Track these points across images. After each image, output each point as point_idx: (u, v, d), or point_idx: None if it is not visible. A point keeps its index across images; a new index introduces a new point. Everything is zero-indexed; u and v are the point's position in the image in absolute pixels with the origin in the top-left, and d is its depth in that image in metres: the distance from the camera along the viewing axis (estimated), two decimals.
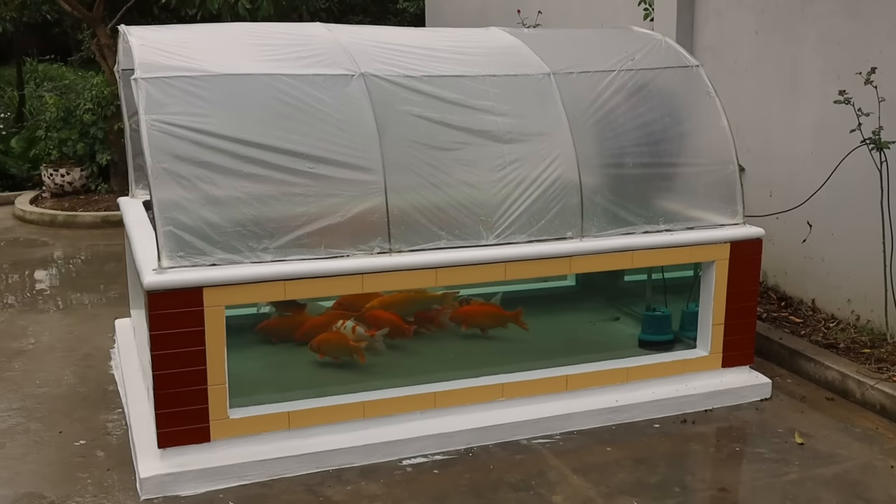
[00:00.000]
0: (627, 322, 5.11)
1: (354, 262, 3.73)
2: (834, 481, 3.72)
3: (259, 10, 8.02)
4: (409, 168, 3.87)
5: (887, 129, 4.68)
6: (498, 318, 4.87)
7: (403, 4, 14.97)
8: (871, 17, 4.99)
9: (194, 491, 3.56)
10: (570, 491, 3.60)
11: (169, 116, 3.59)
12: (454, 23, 10.55)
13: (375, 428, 3.87)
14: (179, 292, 3.47)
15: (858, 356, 4.73)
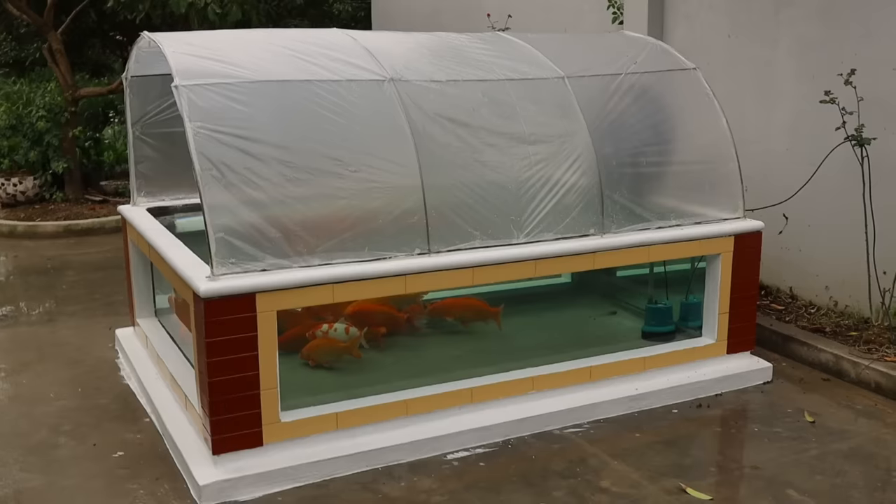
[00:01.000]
0: (624, 315, 5.31)
1: (397, 264, 3.81)
2: (851, 455, 3.98)
3: (228, 16, 7.96)
4: (442, 170, 3.97)
5: (865, 127, 5.00)
6: (480, 312, 4.98)
7: (338, 7, 14.95)
8: (846, 21, 5.31)
9: (252, 495, 3.59)
10: (616, 476, 3.77)
11: (213, 123, 3.60)
12: (404, 27, 10.65)
13: (418, 425, 3.96)
14: (234, 299, 3.50)
15: (847, 339, 5.04)
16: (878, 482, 3.73)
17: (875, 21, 5.13)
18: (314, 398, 3.93)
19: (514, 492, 3.64)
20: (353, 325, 4.54)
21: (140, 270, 5.01)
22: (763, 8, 5.85)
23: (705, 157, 4.69)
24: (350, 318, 4.62)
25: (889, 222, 5.05)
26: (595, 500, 3.57)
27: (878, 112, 5.03)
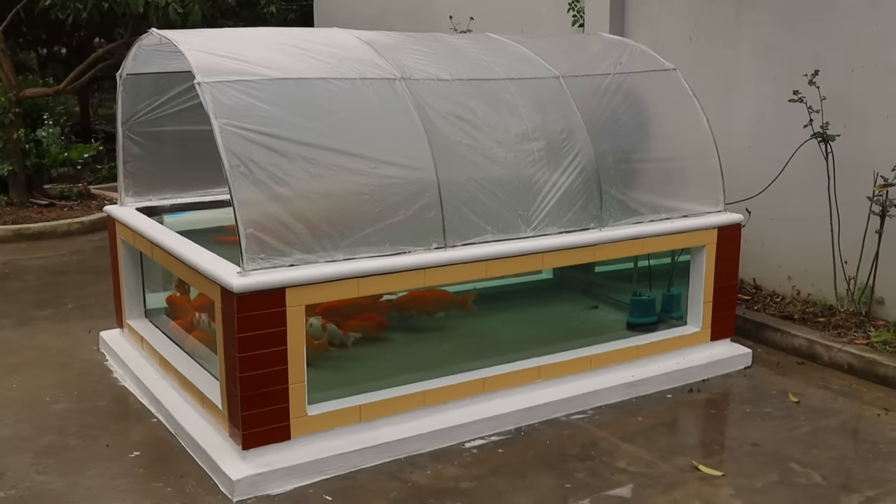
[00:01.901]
0: (605, 309, 5.50)
1: (417, 258, 3.89)
2: (839, 430, 4.25)
3: (189, 16, 7.86)
4: (455, 167, 4.08)
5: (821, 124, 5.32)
6: (446, 303, 5.02)
7: (269, 10, 14.85)
8: (805, 25, 5.63)
9: (282, 489, 3.62)
10: (629, 457, 3.94)
11: (237, 120, 3.63)
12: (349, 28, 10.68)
13: (436, 415, 4.05)
14: (265, 294, 3.53)
15: (816, 325, 5.35)
16: (868, 453, 4.00)
17: (833, 25, 5.46)
18: (325, 393, 3.96)
19: (538, 475, 3.76)
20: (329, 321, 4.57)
21: (130, 272, 4.96)
22: (724, 11, 6.14)
23: (689, 153, 4.92)
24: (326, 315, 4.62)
25: (849, 215, 5.38)
26: (616, 480, 3.73)
27: (838, 111, 5.35)
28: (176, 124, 4.99)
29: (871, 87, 5.30)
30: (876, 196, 5.12)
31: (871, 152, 5.27)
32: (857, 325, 5.22)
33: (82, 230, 8.19)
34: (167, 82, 4.82)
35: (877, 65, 5.27)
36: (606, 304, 5.52)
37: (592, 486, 3.68)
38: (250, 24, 14.48)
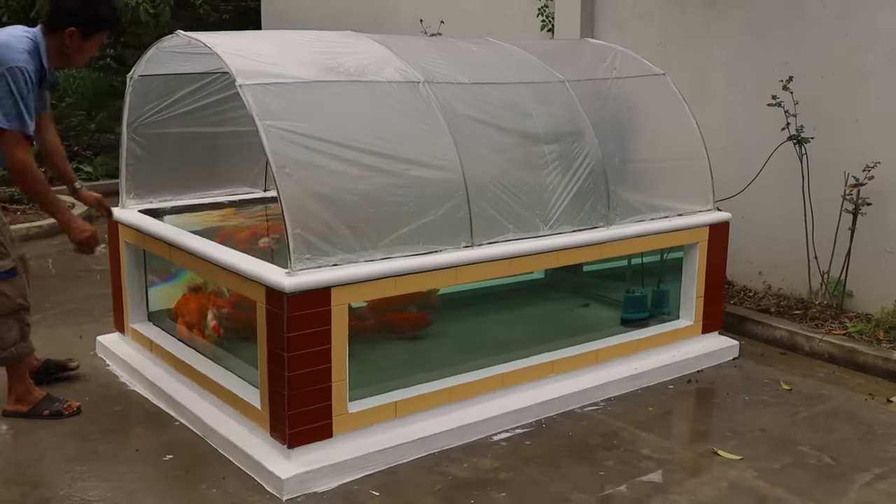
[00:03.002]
0: (597, 307, 5.68)
1: (448, 256, 4.00)
2: (834, 415, 4.54)
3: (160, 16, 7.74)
4: (479, 168, 4.20)
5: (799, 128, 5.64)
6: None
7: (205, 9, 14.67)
8: (775, 33, 5.95)
9: (328, 486, 3.68)
10: (652, 444, 4.13)
11: (281, 122, 3.67)
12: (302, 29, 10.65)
13: (463, 410, 4.16)
14: (312, 293, 3.58)
15: (793, 317, 5.66)
16: (867, 435, 4.29)
17: (803, 34, 5.79)
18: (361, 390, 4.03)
19: (571, 464, 3.92)
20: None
21: (134, 275, 4.91)
22: (695, 19, 6.43)
23: (682, 154, 5.15)
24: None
25: (820, 213, 5.71)
26: (644, 467, 3.91)
27: (808, 115, 5.67)
28: (180, 126, 4.96)
29: (840, 93, 5.64)
30: (847, 195, 5.45)
31: (841, 154, 5.61)
32: (833, 316, 5.55)
33: (41, 234, 7.99)
34: (176, 84, 4.80)
35: (846, 72, 5.61)
36: (596, 301, 5.71)
37: (625, 473, 3.85)
38: (188, 24, 14.28)
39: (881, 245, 5.51)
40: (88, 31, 4.09)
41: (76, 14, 4.04)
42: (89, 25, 4.08)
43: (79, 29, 4.06)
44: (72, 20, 4.04)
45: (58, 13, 4.07)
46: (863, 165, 5.43)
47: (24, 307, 4.20)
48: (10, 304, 4.11)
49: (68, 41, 4.07)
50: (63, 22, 4.05)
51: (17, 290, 4.14)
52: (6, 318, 4.13)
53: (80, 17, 4.05)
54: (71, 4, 4.06)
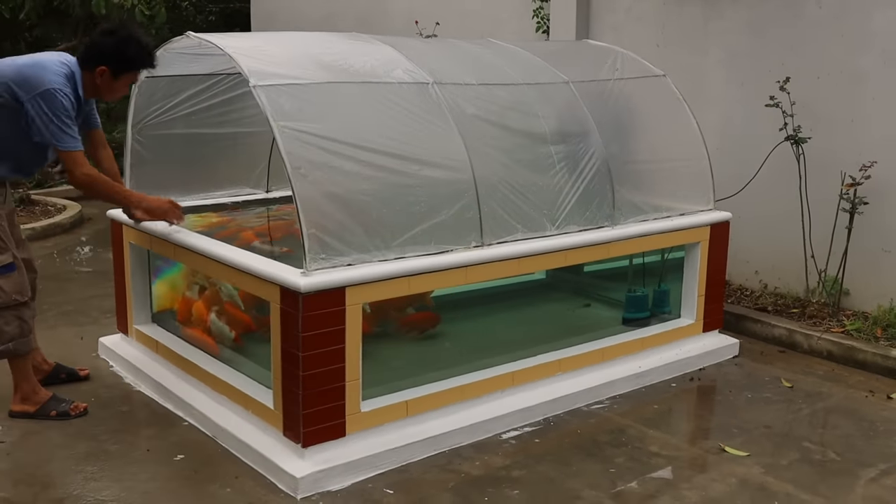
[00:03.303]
0: (598, 307, 5.72)
1: (459, 256, 4.02)
2: (836, 411, 4.60)
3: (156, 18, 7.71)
4: (488, 168, 4.22)
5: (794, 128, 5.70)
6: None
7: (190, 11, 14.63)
8: (772, 34, 6.02)
9: (342, 485, 3.69)
10: (659, 441, 4.17)
11: (295, 123, 3.68)
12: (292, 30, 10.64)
13: (473, 408, 4.19)
14: (327, 293, 3.60)
15: (791, 315, 5.73)
16: (869, 431, 4.35)
17: (800, 36, 5.86)
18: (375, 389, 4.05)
19: (581, 461, 3.95)
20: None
21: (138, 276, 4.90)
22: (693, 20, 6.49)
23: (684, 154, 5.20)
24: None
25: (817, 213, 5.78)
26: (654, 463, 3.95)
27: (805, 115, 5.74)
28: (183, 127, 4.96)
29: (836, 94, 5.72)
30: (844, 194, 5.52)
31: (838, 154, 5.68)
32: (830, 315, 5.62)
33: (34, 237, 7.92)
34: (182, 85, 4.79)
35: (842, 72, 5.68)
36: (597, 301, 5.75)
37: (635, 469, 3.89)
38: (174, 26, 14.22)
39: (878, 244, 5.59)
40: (119, 70, 4.11)
41: (110, 54, 4.05)
42: (121, 66, 4.09)
43: (109, 68, 4.07)
44: (104, 59, 4.05)
45: (91, 51, 4.07)
46: (859, 165, 5.50)
47: (21, 303, 4.16)
48: (6, 299, 4.09)
49: (99, 80, 4.09)
50: (95, 60, 4.06)
51: (14, 285, 4.12)
52: (3, 311, 4.11)
53: (114, 57, 4.06)
54: (106, 43, 4.05)
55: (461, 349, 4.85)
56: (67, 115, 3.95)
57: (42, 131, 3.94)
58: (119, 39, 4.05)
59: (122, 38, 4.06)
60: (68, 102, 3.95)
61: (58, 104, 3.91)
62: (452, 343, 4.94)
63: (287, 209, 5.43)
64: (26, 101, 3.90)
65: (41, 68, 3.95)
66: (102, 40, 4.06)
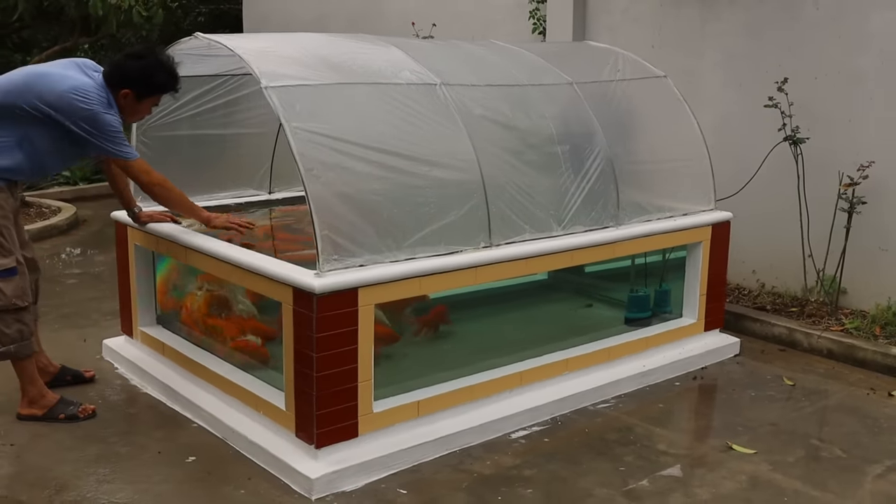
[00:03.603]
0: (599, 307, 5.74)
1: (469, 257, 4.04)
2: (839, 409, 4.65)
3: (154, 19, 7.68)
4: (495, 169, 4.24)
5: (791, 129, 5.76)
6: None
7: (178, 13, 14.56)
8: (770, 36, 6.07)
9: (356, 485, 3.70)
10: (667, 439, 4.20)
11: (307, 124, 3.69)
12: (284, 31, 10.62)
13: (483, 408, 4.21)
14: (341, 294, 3.61)
15: (790, 314, 5.78)
16: (873, 428, 4.40)
17: (798, 37, 5.91)
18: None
19: (591, 460, 3.98)
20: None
21: (143, 278, 4.89)
22: (690, 22, 6.53)
23: (685, 155, 5.24)
24: None
25: (814, 213, 5.83)
26: (663, 462, 3.98)
27: (803, 115, 5.80)
28: (188, 129, 4.95)
29: (834, 94, 5.78)
30: (843, 194, 5.58)
31: (836, 154, 5.74)
32: (829, 313, 5.67)
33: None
34: (187, 86, 4.73)
35: (839, 73, 5.74)
36: (599, 301, 5.77)
37: (644, 468, 3.92)
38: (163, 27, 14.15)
39: (875, 243, 5.65)
40: (144, 95, 4.12)
41: (136, 78, 4.06)
42: (145, 89, 4.11)
43: (134, 91, 4.08)
44: (129, 83, 4.06)
45: (117, 73, 4.07)
46: (856, 165, 5.56)
47: (21, 307, 4.15)
48: (6, 303, 4.08)
49: (122, 101, 4.10)
50: (120, 83, 4.06)
51: (15, 289, 4.10)
52: (3, 314, 4.10)
53: (140, 81, 4.07)
54: (132, 67, 4.05)
55: (468, 349, 4.86)
56: (115, 129, 3.99)
57: (98, 149, 4.03)
58: (147, 64, 4.06)
59: (150, 63, 4.07)
60: (112, 118, 3.98)
61: (102, 122, 3.95)
62: (459, 343, 4.95)
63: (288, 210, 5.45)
64: (70, 123, 3.92)
65: (83, 87, 3.94)
66: (129, 63, 4.06)
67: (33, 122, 3.95)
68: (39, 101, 3.90)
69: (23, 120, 3.95)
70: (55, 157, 4.11)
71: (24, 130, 3.97)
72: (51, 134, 3.98)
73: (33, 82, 3.94)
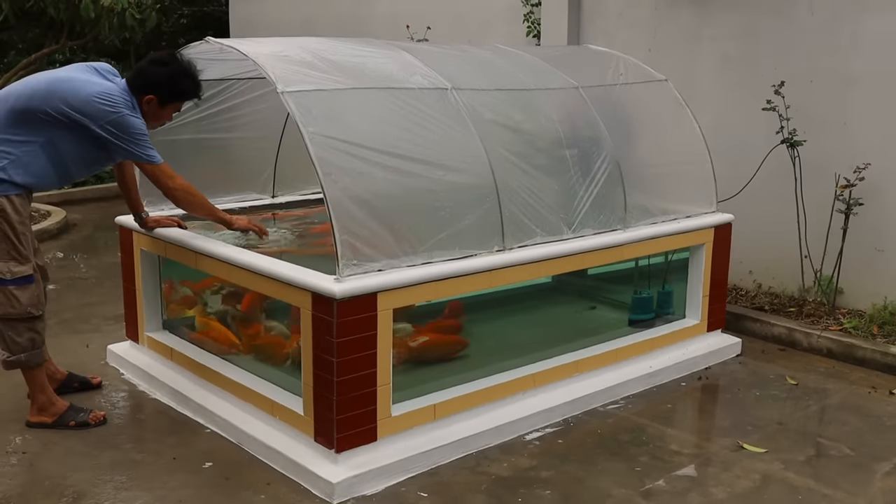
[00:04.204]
0: (603, 309, 5.78)
1: (483, 261, 4.06)
2: (843, 407, 4.72)
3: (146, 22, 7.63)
4: (507, 173, 4.27)
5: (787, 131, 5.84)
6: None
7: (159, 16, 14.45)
8: (765, 39, 6.15)
9: (376, 489, 3.71)
10: (679, 440, 4.25)
11: (324, 129, 3.70)
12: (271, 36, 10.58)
13: (497, 410, 4.23)
14: (360, 299, 3.61)
15: (789, 314, 5.86)
16: (877, 426, 4.47)
17: (793, 40, 5.99)
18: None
19: (606, 460, 4.02)
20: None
21: (150, 283, 4.87)
22: (685, 26, 6.60)
23: (688, 158, 5.30)
24: None
25: (810, 214, 5.91)
26: (677, 461, 4.03)
27: (798, 118, 5.88)
28: (192, 133, 4.94)
29: (828, 97, 5.86)
30: (840, 196, 5.66)
31: (831, 156, 5.82)
32: (827, 313, 5.76)
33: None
34: None
35: (834, 76, 5.83)
36: (602, 304, 5.82)
37: (659, 468, 3.96)
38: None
39: (871, 243, 5.74)
40: (167, 100, 4.10)
41: (160, 84, 4.04)
42: (169, 96, 4.09)
43: (157, 98, 4.06)
44: (153, 89, 4.05)
45: (140, 79, 4.05)
46: (852, 167, 5.64)
47: (35, 316, 4.13)
48: (21, 310, 4.05)
49: (145, 108, 4.07)
50: (144, 89, 4.04)
51: (30, 297, 4.08)
52: (16, 323, 4.07)
53: (164, 88, 4.06)
54: (157, 73, 4.04)
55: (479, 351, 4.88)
56: (141, 132, 3.98)
57: (125, 152, 4.02)
58: (172, 71, 4.05)
59: (175, 70, 4.06)
60: (138, 121, 3.97)
61: (129, 125, 3.93)
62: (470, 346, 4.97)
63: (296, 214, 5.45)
64: (97, 126, 3.91)
65: (108, 92, 3.92)
66: (153, 69, 4.04)
67: (58, 127, 3.93)
68: (65, 105, 3.87)
69: (47, 125, 3.92)
70: (79, 162, 4.09)
71: (49, 136, 3.95)
72: (76, 139, 3.96)
73: (57, 87, 3.91)
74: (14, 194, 3.96)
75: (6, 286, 3.97)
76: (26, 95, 3.93)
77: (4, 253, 3.97)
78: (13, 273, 3.97)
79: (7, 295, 3.99)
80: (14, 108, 3.92)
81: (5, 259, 3.97)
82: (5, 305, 4.00)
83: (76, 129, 3.95)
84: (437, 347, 4.53)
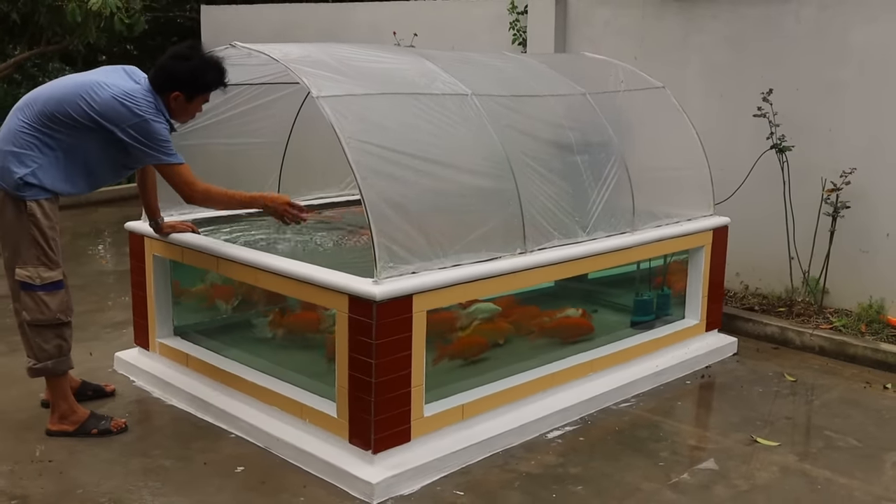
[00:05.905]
0: (605, 312, 5.89)
1: (507, 263, 4.15)
2: (843, 402, 4.90)
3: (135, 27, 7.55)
4: (527, 177, 4.36)
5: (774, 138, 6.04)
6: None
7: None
8: (752, 48, 6.35)
9: (413, 488, 3.76)
10: (694, 435, 4.38)
11: (358, 134, 3.75)
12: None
13: (519, 410, 4.31)
14: (398, 301, 3.67)
15: (779, 314, 6.05)
16: (878, 419, 4.66)
17: (779, 50, 6.21)
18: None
19: (630, 457, 4.12)
20: None
21: (161, 289, 4.85)
22: (672, 34, 6.78)
23: (687, 163, 5.45)
24: None
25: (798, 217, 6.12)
26: (697, 456, 4.16)
27: (785, 125, 6.08)
28: (203, 138, 4.93)
29: (814, 104, 6.08)
30: (827, 199, 5.87)
31: (817, 161, 6.03)
32: (816, 312, 5.96)
33: None
34: None
35: (819, 84, 6.05)
36: (603, 306, 5.93)
37: (682, 462, 4.09)
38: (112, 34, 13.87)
39: (856, 245, 5.96)
40: (194, 94, 4.08)
41: (185, 80, 4.01)
42: (195, 89, 4.06)
43: (184, 93, 4.04)
44: (178, 85, 4.02)
45: (163, 76, 4.01)
46: (837, 172, 5.86)
47: (64, 323, 4.11)
48: (50, 317, 4.02)
49: (172, 104, 4.05)
50: (170, 86, 4.01)
51: (59, 304, 4.06)
52: (44, 329, 4.04)
53: (190, 83, 4.03)
54: (180, 69, 4.00)
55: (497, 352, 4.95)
56: (164, 137, 3.96)
57: (147, 155, 3.98)
58: (195, 65, 4.02)
59: (197, 64, 4.03)
60: (161, 126, 3.95)
61: (151, 130, 3.91)
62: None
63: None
64: (119, 130, 3.89)
65: (132, 93, 3.91)
66: (176, 65, 4.00)
67: (83, 130, 3.91)
68: (89, 108, 3.86)
69: (74, 129, 3.90)
70: (104, 166, 4.07)
71: (76, 139, 3.93)
72: (102, 143, 3.94)
73: (82, 89, 3.89)
74: (44, 199, 3.93)
75: (35, 292, 3.94)
76: (55, 99, 3.91)
77: (34, 258, 3.94)
78: (43, 279, 3.94)
79: (36, 301, 3.96)
80: (42, 111, 3.89)
81: (35, 264, 3.94)
82: (34, 311, 3.97)
83: (102, 133, 3.93)
84: (566, 329, 4.92)
